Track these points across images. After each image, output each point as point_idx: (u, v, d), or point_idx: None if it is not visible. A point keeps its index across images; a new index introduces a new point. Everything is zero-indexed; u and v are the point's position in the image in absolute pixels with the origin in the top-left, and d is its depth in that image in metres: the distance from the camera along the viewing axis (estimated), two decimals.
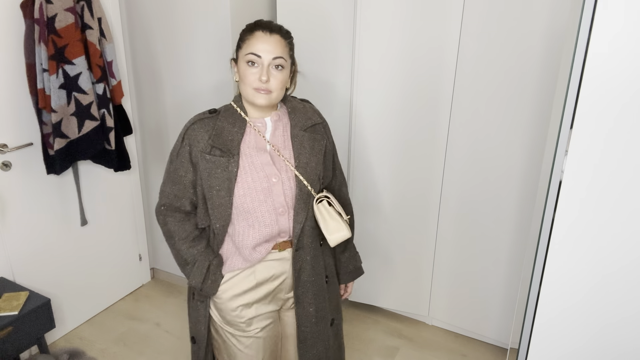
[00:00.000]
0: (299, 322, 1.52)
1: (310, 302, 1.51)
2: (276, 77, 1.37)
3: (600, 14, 1.08)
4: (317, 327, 1.54)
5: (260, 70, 1.35)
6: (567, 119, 1.21)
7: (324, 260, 1.54)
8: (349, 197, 1.70)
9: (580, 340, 1.37)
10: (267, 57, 1.35)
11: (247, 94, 1.39)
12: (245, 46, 1.37)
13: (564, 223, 1.27)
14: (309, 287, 1.50)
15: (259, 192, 1.40)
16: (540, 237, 1.34)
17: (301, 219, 1.43)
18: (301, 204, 1.43)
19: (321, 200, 1.47)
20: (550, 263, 1.32)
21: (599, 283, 1.30)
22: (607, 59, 1.10)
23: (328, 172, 1.55)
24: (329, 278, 1.58)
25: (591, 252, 1.28)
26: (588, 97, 1.14)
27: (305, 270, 1.49)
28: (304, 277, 1.49)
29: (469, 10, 2.02)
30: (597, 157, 1.18)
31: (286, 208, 1.43)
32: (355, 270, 1.71)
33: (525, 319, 1.46)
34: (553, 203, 1.29)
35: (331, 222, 1.45)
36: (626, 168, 1.16)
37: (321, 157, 1.48)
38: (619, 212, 1.21)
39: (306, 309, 1.51)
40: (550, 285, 1.34)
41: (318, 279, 1.52)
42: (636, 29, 1.06)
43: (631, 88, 1.09)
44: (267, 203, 1.41)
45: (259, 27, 1.37)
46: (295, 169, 1.43)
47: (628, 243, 1.23)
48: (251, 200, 1.40)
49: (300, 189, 1.43)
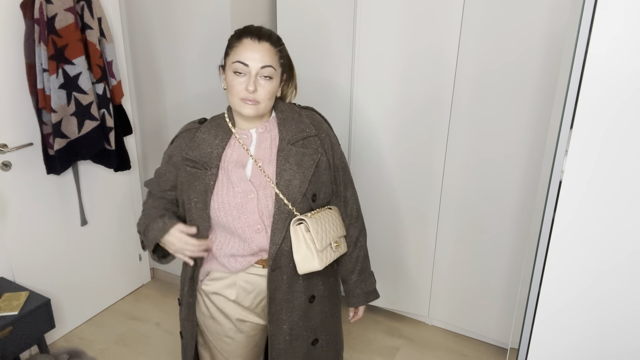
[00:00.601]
0: (272, 339, 1.45)
1: (284, 320, 1.43)
2: (264, 87, 1.30)
3: (600, 15, 1.08)
4: (292, 345, 1.46)
5: (248, 80, 1.28)
6: (567, 119, 1.21)
7: (309, 280, 1.45)
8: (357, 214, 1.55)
9: (580, 341, 1.37)
10: (254, 66, 1.28)
11: (234, 103, 1.33)
12: (232, 53, 1.30)
13: (564, 223, 1.27)
14: (284, 306, 1.42)
15: (232, 208, 1.34)
16: (540, 237, 1.34)
17: (278, 240, 1.34)
18: (279, 224, 1.34)
19: (300, 222, 1.35)
20: (550, 263, 1.32)
21: (599, 283, 1.30)
22: (607, 59, 1.10)
23: (327, 189, 1.44)
24: (318, 298, 1.48)
25: (591, 251, 1.28)
26: (588, 97, 1.14)
27: (280, 290, 1.40)
28: (279, 296, 1.41)
29: (469, 11, 2.02)
30: (597, 157, 1.18)
31: (263, 226, 1.35)
32: (365, 295, 1.57)
33: (525, 319, 1.46)
34: (553, 203, 1.29)
35: (303, 249, 1.34)
36: (626, 168, 1.16)
37: (310, 173, 1.36)
38: (618, 212, 1.21)
39: (279, 327, 1.43)
40: (551, 285, 1.34)
41: (296, 297, 1.43)
42: (636, 30, 1.06)
43: (630, 88, 1.09)
44: (241, 220, 1.35)
45: (247, 34, 1.30)
46: (275, 186, 1.34)
47: (628, 242, 1.23)
48: (224, 215, 1.35)
49: (278, 207, 1.33)
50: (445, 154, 2.26)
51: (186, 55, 2.44)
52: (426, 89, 2.19)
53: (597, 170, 1.18)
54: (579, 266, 1.29)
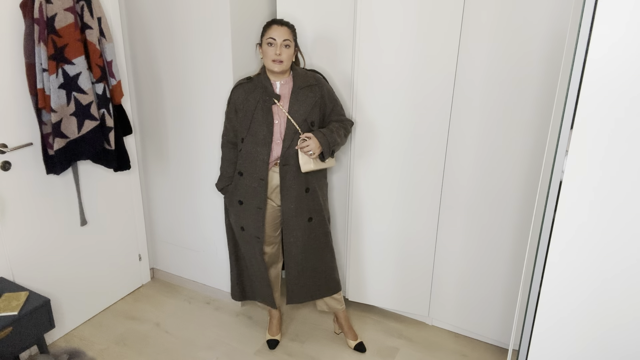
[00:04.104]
0: (283, 214, 2.22)
1: (292, 201, 2.19)
2: (285, 52, 2.08)
3: (600, 19, 1.08)
4: (296, 219, 2.22)
5: (275, 48, 2.06)
6: (567, 120, 1.21)
7: (306, 177, 2.20)
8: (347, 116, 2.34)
9: (580, 340, 1.37)
10: (279, 40, 2.06)
11: (268, 64, 2.10)
12: (266, 34, 2.09)
13: (564, 222, 1.27)
14: (290, 191, 2.19)
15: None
16: (541, 237, 1.34)
17: (287, 145, 2.14)
18: (289, 135, 2.14)
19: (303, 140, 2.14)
20: (551, 263, 1.32)
21: (600, 283, 1.30)
22: (607, 62, 1.10)
23: (327, 110, 2.23)
24: (311, 190, 2.22)
25: (591, 251, 1.28)
26: (588, 98, 1.14)
27: (287, 180, 2.17)
28: (286, 184, 2.18)
29: (470, 12, 2.02)
30: (597, 157, 1.18)
31: (280, 140, 2.15)
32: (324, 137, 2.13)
33: (526, 320, 1.46)
34: (553, 203, 1.29)
35: (304, 156, 2.14)
36: (626, 168, 1.16)
37: (309, 107, 2.16)
38: (618, 211, 1.21)
39: (288, 206, 2.20)
40: (551, 285, 1.34)
41: (298, 187, 2.19)
42: (634, 34, 1.06)
43: (631, 91, 1.09)
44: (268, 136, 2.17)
45: (274, 22, 2.10)
46: (287, 113, 2.13)
47: (628, 241, 1.23)
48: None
49: (288, 126, 2.14)
50: (445, 154, 2.26)
51: (186, 55, 2.44)
52: (426, 89, 2.19)
53: (597, 170, 1.18)
54: (578, 266, 1.29)
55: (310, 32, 2.36)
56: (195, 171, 2.64)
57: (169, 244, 2.91)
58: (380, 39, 2.19)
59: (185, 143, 2.62)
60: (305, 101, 2.15)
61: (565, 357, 1.38)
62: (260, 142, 2.15)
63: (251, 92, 2.16)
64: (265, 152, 2.15)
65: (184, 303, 2.81)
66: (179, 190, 2.74)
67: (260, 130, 2.14)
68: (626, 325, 1.29)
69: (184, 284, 2.94)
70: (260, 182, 2.18)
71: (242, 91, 2.18)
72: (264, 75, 2.16)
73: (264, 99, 2.14)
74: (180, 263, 2.91)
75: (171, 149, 2.68)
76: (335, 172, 2.55)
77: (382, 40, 2.19)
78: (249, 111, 2.15)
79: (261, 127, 2.13)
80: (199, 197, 2.68)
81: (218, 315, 2.71)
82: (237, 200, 2.26)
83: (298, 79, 2.17)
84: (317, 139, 2.12)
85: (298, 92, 2.15)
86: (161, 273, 3.02)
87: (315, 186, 2.24)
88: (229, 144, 2.28)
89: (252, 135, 2.15)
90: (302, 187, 2.20)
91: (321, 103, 2.19)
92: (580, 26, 1.12)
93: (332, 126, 2.20)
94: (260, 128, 2.14)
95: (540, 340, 1.39)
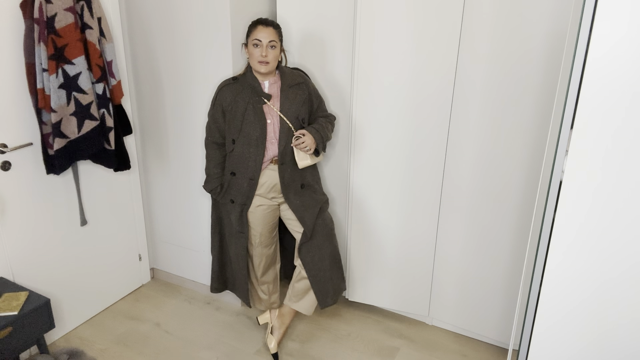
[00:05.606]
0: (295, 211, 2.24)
1: (296, 197, 2.26)
2: (271, 53, 2.09)
3: (600, 18, 1.08)
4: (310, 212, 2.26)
5: (261, 49, 2.07)
6: (567, 120, 1.21)
7: (302, 173, 2.27)
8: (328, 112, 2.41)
9: (580, 340, 1.37)
10: (265, 41, 2.07)
11: (254, 65, 2.11)
12: (251, 35, 2.09)
13: (564, 222, 1.26)
14: (291, 188, 2.25)
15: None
16: (541, 237, 1.34)
17: (283, 144, 2.17)
18: (283, 134, 2.17)
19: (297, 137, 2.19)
20: (551, 263, 1.32)
21: (599, 283, 1.30)
22: (607, 61, 1.10)
23: (313, 106, 2.29)
24: (306, 186, 2.29)
25: (591, 251, 1.28)
26: (588, 98, 1.14)
27: (285, 177, 2.22)
28: (285, 181, 2.22)
29: (470, 12, 2.02)
30: (597, 157, 1.18)
31: (275, 139, 2.17)
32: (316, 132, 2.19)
33: (526, 320, 1.46)
34: (553, 203, 1.29)
35: (301, 153, 2.19)
36: (626, 168, 1.16)
37: (300, 103, 2.20)
38: (618, 211, 1.21)
39: (294, 202, 2.25)
40: (551, 285, 1.34)
41: (295, 184, 2.26)
42: (634, 34, 1.06)
43: (632, 90, 1.09)
44: None
45: (260, 22, 2.10)
46: (279, 112, 2.15)
47: (628, 241, 1.23)
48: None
49: (282, 125, 2.16)
50: (445, 154, 2.26)
51: (186, 55, 2.44)
52: (426, 89, 2.19)
53: (597, 170, 1.18)
54: (578, 266, 1.29)
55: (310, 32, 2.36)
56: (195, 171, 2.64)
57: (169, 244, 2.91)
58: (380, 39, 2.19)
59: (185, 143, 2.62)
60: (295, 99, 2.18)
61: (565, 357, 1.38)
62: (253, 143, 2.15)
63: (239, 93, 2.15)
64: (258, 152, 2.16)
65: (184, 303, 2.81)
66: (179, 190, 2.74)
67: (253, 130, 2.14)
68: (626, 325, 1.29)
69: (184, 284, 2.94)
70: (249, 182, 2.21)
71: (229, 92, 2.16)
72: (251, 75, 2.15)
73: (254, 99, 2.14)
74: (180, 263, 2.91)
75: (171, 149, 2.68)
76: (335, 172, 2.55)
77: (383, 40, 2.19)
78: (238, 112, 2.14)
79: (254, 128, 2.13)
80: (199, 197, 2.68)
81: (218, 315, 2.71)
82: (229, 200, 2.28)
83: (286, 78, 2.19)
84: (311, 134, 2.16)
85: (287, 90, 2.18)
86: (161, 273, 3.02)
87: (309, 180, 2.31)
88: (214, 144, 2.28)
89: (245, 136, 2.15)
90: (298, 184, 2.27)
91: (309, 100, 2.25)
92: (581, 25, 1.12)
93: (321, 122, 2.26)
94: (254, 128, 2.14)
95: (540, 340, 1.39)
